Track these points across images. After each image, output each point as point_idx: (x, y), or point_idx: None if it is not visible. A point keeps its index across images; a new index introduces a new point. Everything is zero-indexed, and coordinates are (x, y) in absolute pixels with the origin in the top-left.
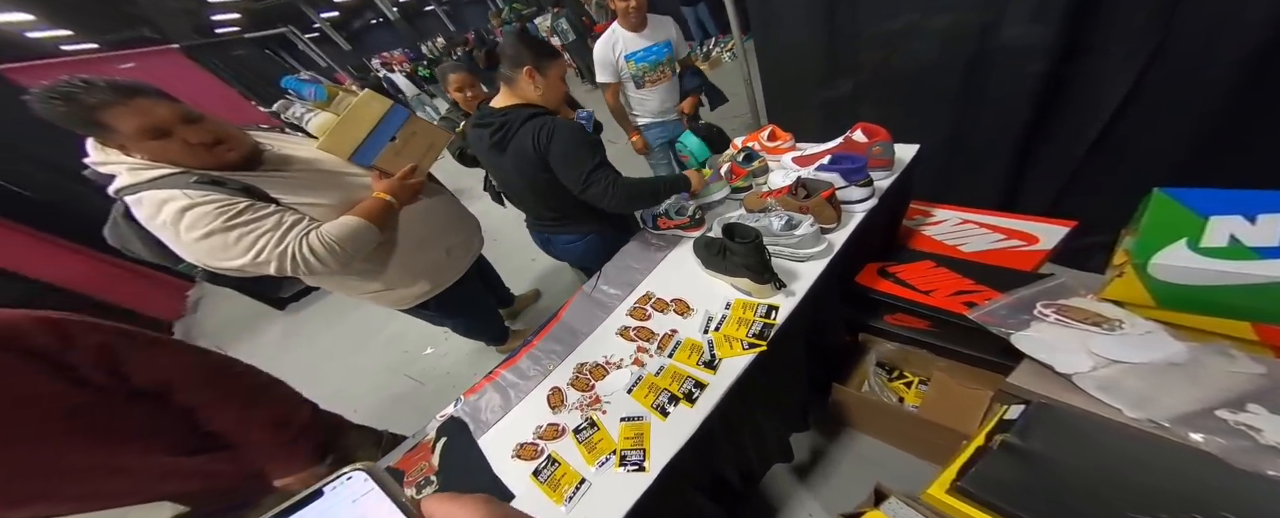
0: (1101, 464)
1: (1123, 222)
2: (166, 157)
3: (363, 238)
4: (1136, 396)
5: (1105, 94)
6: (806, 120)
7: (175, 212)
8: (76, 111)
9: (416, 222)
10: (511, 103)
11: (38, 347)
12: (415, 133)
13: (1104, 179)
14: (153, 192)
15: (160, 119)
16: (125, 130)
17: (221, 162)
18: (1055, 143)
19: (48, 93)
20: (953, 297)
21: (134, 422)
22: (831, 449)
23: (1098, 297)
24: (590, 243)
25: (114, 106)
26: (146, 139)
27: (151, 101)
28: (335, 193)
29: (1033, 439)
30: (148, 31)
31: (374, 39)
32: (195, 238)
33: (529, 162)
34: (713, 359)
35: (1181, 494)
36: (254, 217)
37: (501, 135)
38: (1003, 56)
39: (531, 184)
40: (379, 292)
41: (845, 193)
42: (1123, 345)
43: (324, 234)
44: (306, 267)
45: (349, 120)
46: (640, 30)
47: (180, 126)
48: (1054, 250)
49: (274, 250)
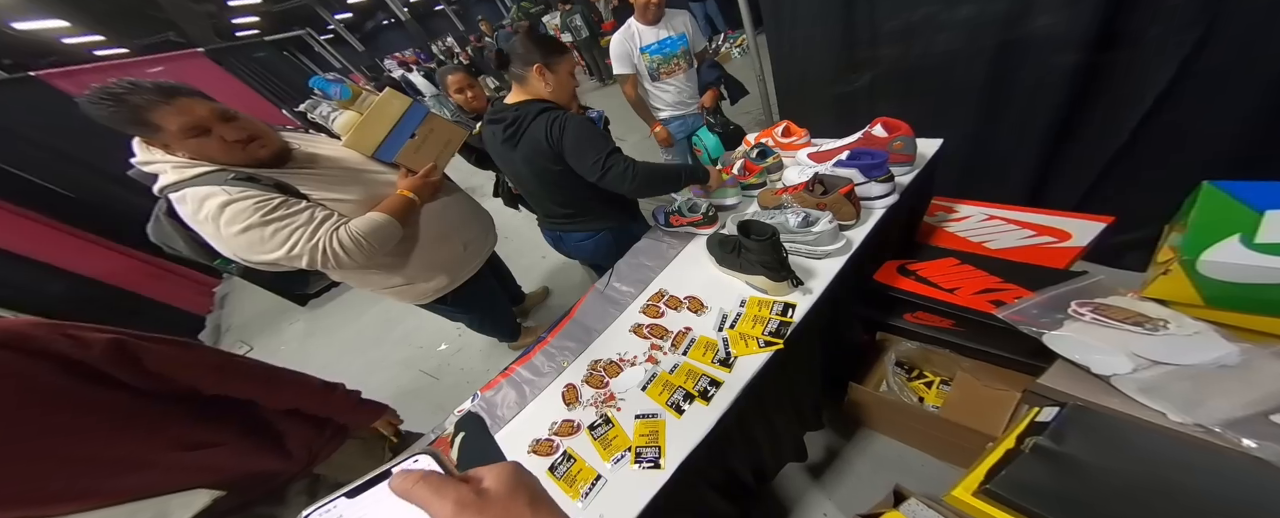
0: (1143, 470)
1: (1161, 217)
2: (206, 153)
3: (387, 233)
4: (1183, 399)
5: (1148, 82)
6: (821, 116)
7: (216, 207)
8: (125, 111)
9: (435, 217)
10: (523, 99)
11: (47, 349)
12: (433, 130)
13: (1142, 173)
14: (195, 188)
15: (200, 117)
16: (170, 128)
17: (255, 158)
18: (1090, 135)
19: (98, 94)
20: (978, 295)
21: (158, 416)
22: (847, 449)
23: (1140, 295)
24: (601, 240)
25: (159, 106)
26: (188, 137)
27: (192, 100)
28: (360, 189)
29: (1068, 443)
30: (173, 36)
31: (386, 40)
32: (234, 232)
33: (542, 155)
34: (728, 357)
35: (1231, 501)
36: (288, 212)
37: (514, 131)
38: (1032, 46)
39: (543, 179)
40: (400, 286)
41: (864, 189)
42: (1168, 346)
43: (352, 229)
44: (335, 260)
45: (372, 118)
46: (656, 23)
47: (218, 124)
48: (1088, 248)
49: (306, 244)
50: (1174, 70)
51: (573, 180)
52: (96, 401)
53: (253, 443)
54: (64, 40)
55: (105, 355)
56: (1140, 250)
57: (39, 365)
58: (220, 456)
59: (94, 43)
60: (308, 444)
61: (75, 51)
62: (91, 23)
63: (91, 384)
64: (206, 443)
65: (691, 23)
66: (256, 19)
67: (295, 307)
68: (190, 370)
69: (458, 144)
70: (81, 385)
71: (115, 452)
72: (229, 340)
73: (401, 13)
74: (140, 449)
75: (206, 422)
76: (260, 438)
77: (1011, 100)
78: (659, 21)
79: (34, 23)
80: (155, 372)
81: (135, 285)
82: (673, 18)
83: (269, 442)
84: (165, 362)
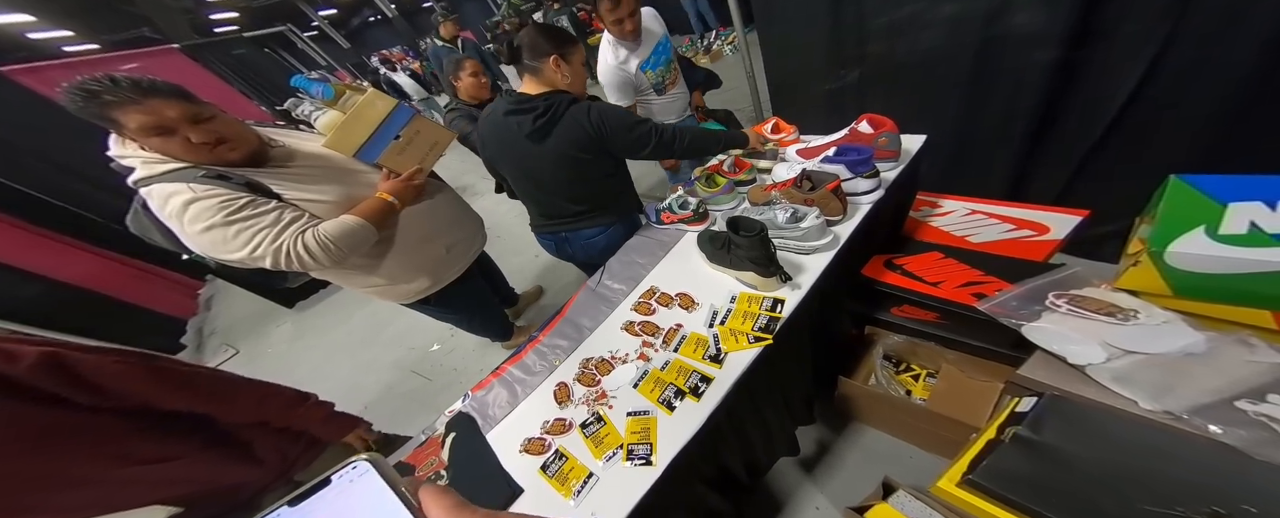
0: (1117, 457)
1: (1135, 210)
2: (169, 151)
3: (359, 237)
4: (1153, 387)
5: (1118, 79)
6: (811, 112)
7: (180, 205)
8: (92, 106)
9: (418, 219)
10: (544, 90)
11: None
12: (419, 132)
13: (1117, 167)
14: (161, 184)
15: (165, 119)
16: (130, 126)
17: (223, 159)
18: (1066, 130)
19: (75, 86)
20: (961, 288)
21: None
22: (838, 443)
23: (1112, 286)
24: (613, 234)
25: (125, 105)
26: (149, 135)
27: (164, 103)
28: (338, 188)
29: (1045, 432)
30: (148, 31)
31: (372, 37)
32: (197, 230)
33: (577, 144)
34: (718, 354)
35: (1200, 487)
36: (253, 213)
37: (547, 120)
38: (1011, 43)
39: (567, 170)
40: (380, 286)
41: (851, 184)
42: (1138, 336)
43: (320, 233)
44: (300, 263)
45: (353, 119)
46: (638, 39)
47: (185, 126)
48: (1065, 240)
49: (269, 246)
50: (1145, 67)
51: (596, 171)
52: (20, 415)
53: (218, 454)
54: (30, 35)
55: (36, 370)
56: (1116, 242)
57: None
58: (181, 468)
59: (63, 38)
60: (281, 452)
61: (44, 47)
62: (59, 16)
63: (17, 400)
64: (165, 457)
65: (659, 20)
66: (236, 15)
67: (283, 308)
68: (138, 384)
69: (444, 147)
70: (6, 402)
71: (52, 468)
72: (213, 344)
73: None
74: (84, 467)
75: (163, 435)
76: (226, 449)
77: (992, 96)
78: (639, 36)
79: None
80: (96, 385)
81: (116, 289)
82: (648, 23)
83: (237, 452)
84: (107, 376)
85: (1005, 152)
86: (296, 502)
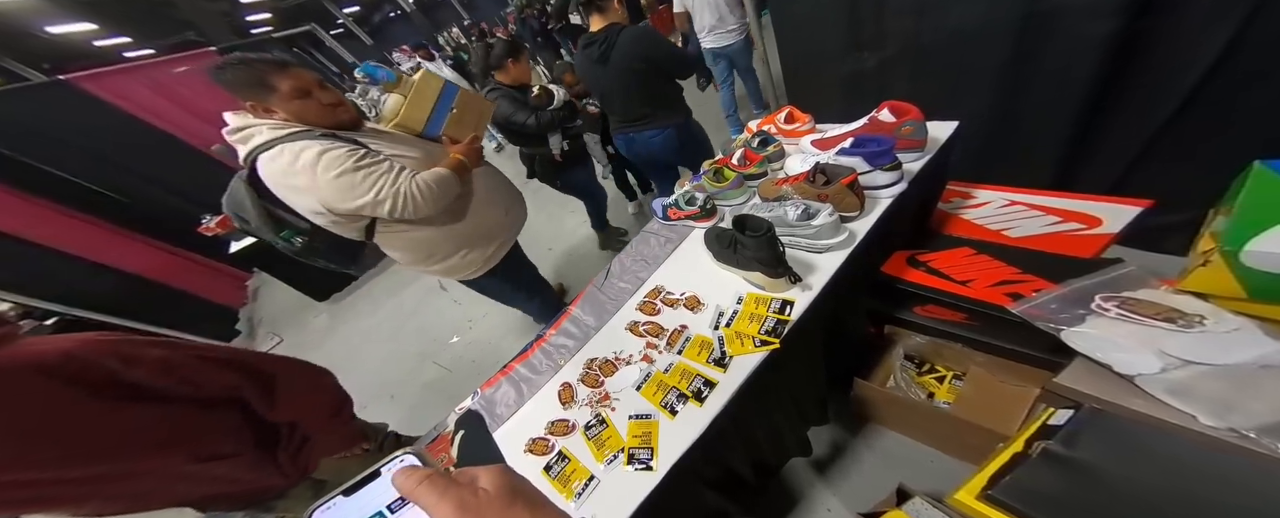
0: (1163, 479)
1: (1206, 200)
2: (305, 115)
3: (450, 186)
4: (1216, 401)
5: (1194, 53)
6: (828, 99)
7: (314, 155)
8: (251, 74)
9: (478, 182)
10: (605, 25)
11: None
12: (467, 103)
13: (1188, 152)
14: (291, 143)
15: (305, 82)
16: (283, 89)
17: (339, 121)
18: (1127, 111)
19: (228, 62)
20: (994, 287)
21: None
22: (854, 444)
23: (1175, 288)
24: (669, 136)
25: (278, 71)
26: (293, 99)
27: (301, 69)
28: (420, 149)
29: (1081, 448)
30: (193, 35)
31: (392, 33)
32: (331, 178)
33: (632, 56)
34: (723, 357)
35: (1267, 516)
36: (374, 161)
37: (605, 48)
38: (1062, 13)
39: (630, 80)
40: (453, 259)
41: (869, 178)
42: (1203, 344)
43: (422, 179)
44: (413, 206)
45: (417, 97)
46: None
47: (317, 89)
48: (1121, 234)
49: (390, 189)
50: (1228, 36)
51: (653, 78)
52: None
53: (266, 455)
54: (95, 43)
55: (154, 371)
56: (1181, 234)
57: (66, 391)
58: (230, 467)
59: (123, 44)
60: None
61: (106, 54)
62: (116, 24)
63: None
64: (223, 455)
65: None
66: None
67: (316, 301)
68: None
69: (489, 115)
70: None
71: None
72: (262, 333)
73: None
74: (153, 458)
75: (229, 431)
76: (271, 450)
77: (1036, 76)
78: None
79: (64, 26)
80: (196, 381)
81: (176, 280)
82: None
83: (271, 455)
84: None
85: (1050, 136)
86: (351, 492)
